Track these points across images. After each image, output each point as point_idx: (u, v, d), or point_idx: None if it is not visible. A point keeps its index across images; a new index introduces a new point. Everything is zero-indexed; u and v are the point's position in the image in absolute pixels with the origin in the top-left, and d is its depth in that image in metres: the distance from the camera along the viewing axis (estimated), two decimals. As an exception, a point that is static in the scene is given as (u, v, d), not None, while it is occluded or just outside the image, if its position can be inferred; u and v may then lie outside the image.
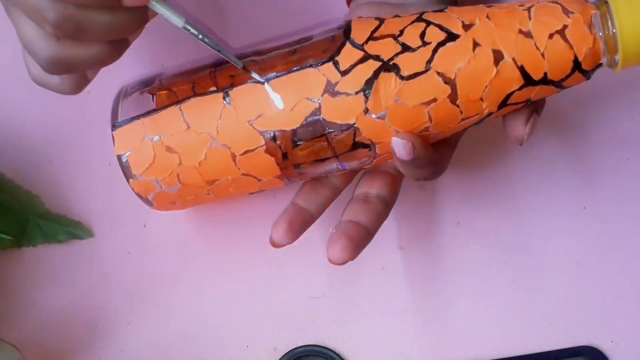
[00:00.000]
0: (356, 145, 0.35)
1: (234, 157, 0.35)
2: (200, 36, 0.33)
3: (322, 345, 0.45)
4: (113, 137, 0.37)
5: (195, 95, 0.36)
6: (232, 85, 0.36)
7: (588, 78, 0.34)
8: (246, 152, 0.35)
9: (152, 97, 0.38)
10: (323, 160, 0.36)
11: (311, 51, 0.35)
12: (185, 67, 0.39)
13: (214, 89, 0.36)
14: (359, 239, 0.36)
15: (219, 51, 0.34)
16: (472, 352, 0.45)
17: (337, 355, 0.45)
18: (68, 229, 0.46)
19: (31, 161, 0.47)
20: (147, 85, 0.39)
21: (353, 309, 0.45)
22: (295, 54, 0.36)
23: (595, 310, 0.45)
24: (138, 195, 0.38)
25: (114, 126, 0.37)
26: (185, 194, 0.38)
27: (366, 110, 0.33)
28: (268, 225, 0.46)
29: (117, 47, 0.32)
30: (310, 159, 0.36)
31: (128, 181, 0.38)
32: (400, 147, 0.33)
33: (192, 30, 0.33)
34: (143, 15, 0.32)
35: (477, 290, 0.45)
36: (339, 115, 0.34)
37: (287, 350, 0.45)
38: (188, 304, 0.46)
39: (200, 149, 0.36)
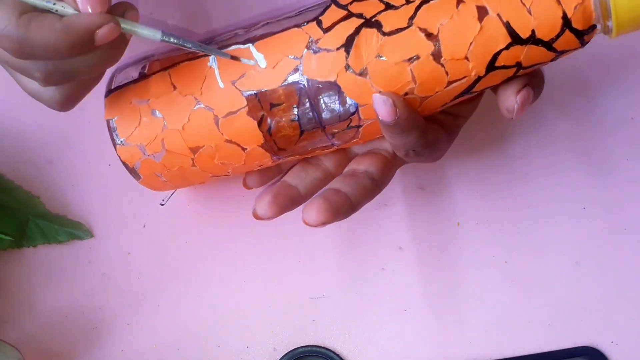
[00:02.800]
0: (338, 107, 0.34)
1: (216, 120, 0.35)
2: (181, 42, 0.33)
3: (322, 345, 0.45)
4: (105, 104, 0.38)
5: (184, 60, 0.37)
6: (221, 48, 0.36)
7: (582, 43, 0.32)
8: (229, 113, 0.35)
9: (145, 67, 0.38)
10: (306, 127, 0.35)
11: (299, 17, 0.35)
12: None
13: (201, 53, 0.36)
14: (337, 204, 0.35)
15: (203, 51, 0.34)
16: (472, 352, 0.45)
17: (337, 355, 0.45)
18: (68, 229, 0.46)
19: (31, 161, 0.47)
20: (144, 59, 0.39)
21: (353, 309, 0.45)
22: (283, 21, 0.36)
23: (595, 310, 0.45)
24: (125, 164, 0.38)
25: (107, 93, 0.38)
26: (170, 163, 0.37)
27: (347, 67, 0.33)
28: (268, 226, 0.46)
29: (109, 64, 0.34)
30: (293, 126, 0.35)
31: (115, 148, 0.38)
32: (380, 104, 0.33)
33: (172, 40, 0.33)
34: (121, 42, 0.32)
35: (477, 290, 0.45)
36: (320, 72, 0.34)
37: (287, 351, 0.45)
38: (188, 304, 0.46)
39: (185, 112, 0.36)
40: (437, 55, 0.32)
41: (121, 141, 0.37)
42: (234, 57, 0.35)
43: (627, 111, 0.47)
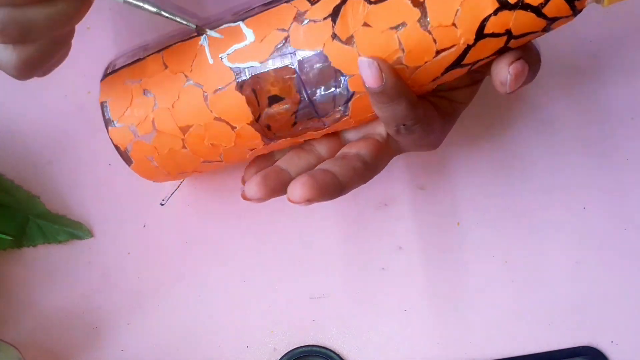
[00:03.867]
0: (326, 79, 0.34)
1: (206, 96, 0.35)
2: (141, 3, 0.33)
3: (322, 345, 0.45)
4: (100, 88, 0.38)
5: (178, 42, 0.37)
6: (212, 29, 0.36)
7: (574, 11, 0.32)
8: (217, 90, 0.35)
9: (141, 52, 0.38)
10: (297, 104, 0.35)
11: None
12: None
13: (195, 34, 0.36)
14: (324, 181, 0.34)
15: (163, 13, 0.34)
16: (472, 352, 0.45)
17: (337, 355, 0.45)
18: (68, 229, 0.46)
19: (31, 161, 0.47)
20: (141, 47, 0.39)
21: (353, 309, 0.45)
22: (274, 3, 0.36)
23: (595, 310, 0.45)
24: (117, 148, 0.38)
25: (102, 78, 0.38)
26: (161, 144, 0.37)
27: (334, 36, 0.33)
28: (268, 226, 0.46)
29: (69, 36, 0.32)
30: (280, 97, 0.35)
31: (108, 131, 0.38)
32: (366, 68, 0.32)
33: (131, 1, 0.33)
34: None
35: (477, 290, 0.45)
36: (307, 42, 0.34)
37: (287, 351, 0.45)
38: (188, 304, 0.46)
39: (175, 90, 0.36)
40: (424, 22, 0.32)
41: (113, 123, 0.37)
42: (200, 30, 0.35)
43: (627, 111, 0.47)
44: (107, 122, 0.38)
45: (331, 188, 0.34)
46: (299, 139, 0.38)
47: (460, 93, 0.38)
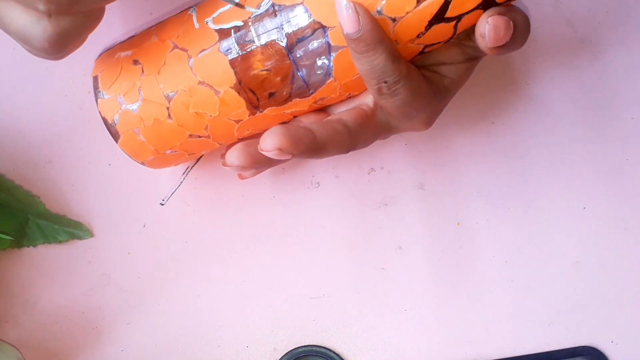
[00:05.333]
0: (307, 33, 0.34)
1: (190, 60, 0.36)
2: None
3: (322, 345, 0.45)
4: (94, 64, 0.38)
5: (169, 17, 0.38)
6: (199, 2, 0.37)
7: None
8: (201, 51, 0.35)
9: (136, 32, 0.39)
10: (279, 63, 0.35)
11: None
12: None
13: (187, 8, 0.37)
14: (298, 133, 0.33)
15: None
16: (472, 352, 0.45)
17: (337, 355, 0.45)
18: (68, 229, 0.46)
19: (31, 161, 0.47)
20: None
21: (353, 309, 0.45)
22: None
23: (595, 310, 0.45)
24: (104, 120, 0.38)
25: (98, 57, 0.39)
26: (146, 114, 0.37)
27: None
28: (268, 226, 0.46)
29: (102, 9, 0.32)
30: (264, 59, 0.35)
31: (97, 104, 0.38)
32: (342, 10, 0.32)
33: None
34: None
35: (477, 290, 0.45)
36: None
37: (287, 351, 0.45)
38: (188, 304, 0.46)
39: (161, 56, 0.36)
40: None
41: (102, 94, 0.38)
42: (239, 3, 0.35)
43: (627, 111, 0.47)
44: (97, 95, 0.38)
45: (306, 142, 0.33)
46: (285, 109, 0.37)
47: (452, 69, 0.37)
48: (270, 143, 0.32)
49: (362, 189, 0.46)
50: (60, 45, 0.31)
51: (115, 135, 0.38)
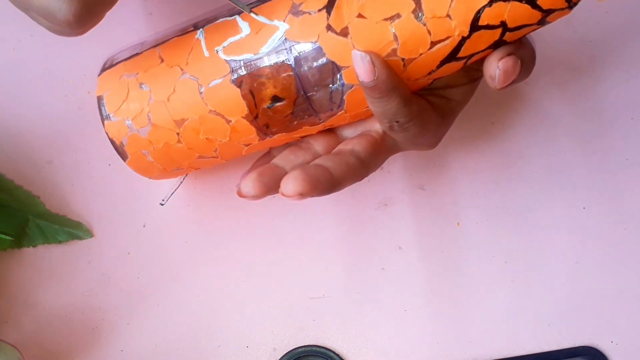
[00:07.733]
0: (321, 71, 0.34)
1: (201, 89, 0.35)
2: None
3: (322, 345, 0.45)
4: (97, 82, 0.38)
5: (175, 36, 0.37)
6: (209, 23, 0.36)
7: (570, 4, 0.31)
8: (213, 82, 0.35)
9: (139, 47, 0.38)
10: (292, 97, 0.35)
11: None
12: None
13: (192, 29, 0.36)
14: (316, 175, 0.33)
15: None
16: (472, 352, 0.45)
17: (337, 355, 0.45)
18: (68, 229, 0.46)
19: (31, 161, 0.47)
20: (139, 44, 0.39)
21: (353, 309, 0.45)
22: None
23: (595, 310, 0.45)
24: (112, 142, 0.38)
25: (100, 73, 0.38)
26: (156, 138, 0.37)
27: (329, 27, 0.33)
28: (268, 226, 0.46)
29: None
30: (277, 92, 0.35)
31: (104, 125, 0.38)
32: (358, 61, 0.32)
33: None
34: None
35: (477, 290, 0.45)
36: (301, 34, 0.33)
37: (287, 351, 0.45)
38: (188, 304, 0.46)
39: (170, 83, 0.36)
40: (418, 14, 0.32)
41: (109, 116, 0.37)
42: (252, 11, 0.35)
43: (627, 111, 0.47)
44: (103, 116, 0.38)
45: (324, 182, 0.34)
46: (294, 134, 0.37)
47: (458, 91, 0.37)
48: (291, 189, 0.33)
49: (362, 189, 0.46)
50: (86, 18, 0.30)
51: (123, 155, 0.38)
